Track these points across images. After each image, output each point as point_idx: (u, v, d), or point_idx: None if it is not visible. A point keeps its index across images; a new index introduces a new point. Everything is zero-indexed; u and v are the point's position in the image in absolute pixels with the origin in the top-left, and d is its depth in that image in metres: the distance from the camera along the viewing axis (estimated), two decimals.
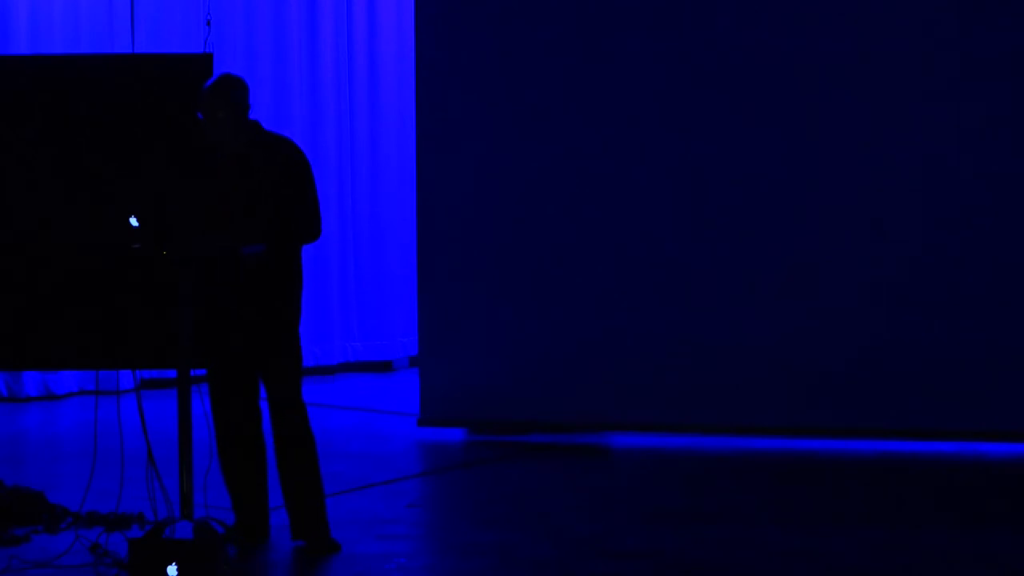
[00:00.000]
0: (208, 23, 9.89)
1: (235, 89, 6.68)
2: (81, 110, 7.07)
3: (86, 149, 7.04)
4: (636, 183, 9.36)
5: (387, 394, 11.54)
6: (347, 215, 12.44)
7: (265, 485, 6.99)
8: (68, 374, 11.23)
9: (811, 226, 9.21)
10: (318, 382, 11.94)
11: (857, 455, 9.03)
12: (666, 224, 9.34)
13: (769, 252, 9.25)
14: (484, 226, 9.51)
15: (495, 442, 9.44)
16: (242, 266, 6.62)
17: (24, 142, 7.08)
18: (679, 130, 9.31)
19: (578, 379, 9.42)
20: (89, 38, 11.35)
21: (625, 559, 6.76)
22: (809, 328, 9.20)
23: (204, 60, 7.09)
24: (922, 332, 9.10)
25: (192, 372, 6.54)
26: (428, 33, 9.53)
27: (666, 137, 9.32)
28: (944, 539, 7.10)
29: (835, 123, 9.17)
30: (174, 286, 6.48)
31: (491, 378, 9.51)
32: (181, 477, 6.52)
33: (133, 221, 6.44)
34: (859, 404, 9.15)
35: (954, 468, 8.74)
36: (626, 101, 9.35)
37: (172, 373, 7.11)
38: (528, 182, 9.47)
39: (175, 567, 6.22)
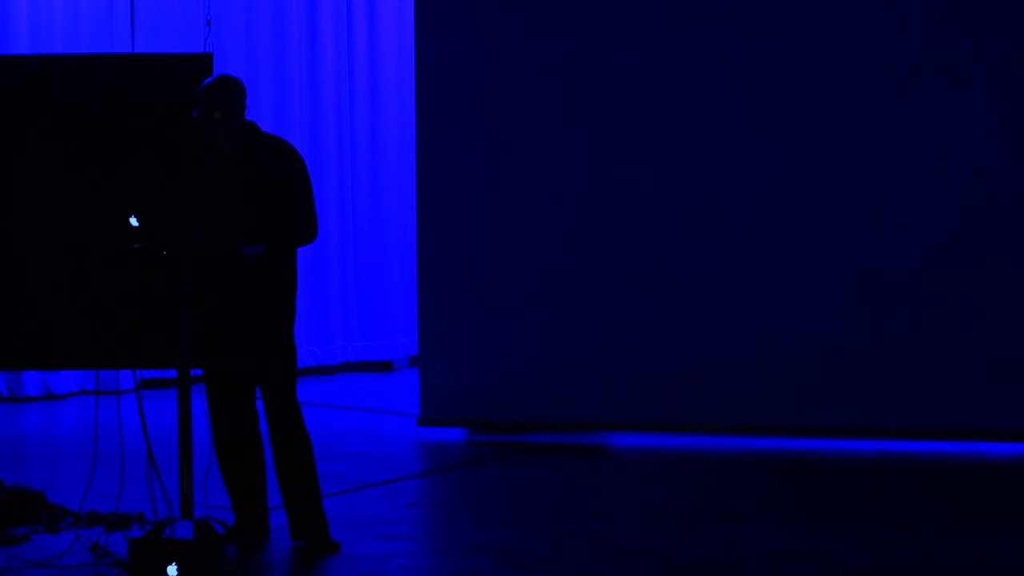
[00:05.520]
0: (208, 23, 9.88)
1: (231, 90, 6.67)
2: (81, 110, 7.07)
3: (86, 149, 7.03)
4: (636, 182, 9.35)
5: (387, 394, 11.54)
6: (347, 215, 12.44)
7: (264, 485, 6.99)
8: (68, 374, 11.22)
9: (811, 226, 9.21)
10: (318, 382, 11.94)
11: (857, 455, 9.03)
12: (666, 224, 9.33)
13: (769, 252, 9.24)
14: (484, 226, 9.51)
15: (495, 442, 9.44)
16: (243, 266, 6.62)
17: (24, 142, 7.07)
18: (679, 130, 9.31)
19: (578, 379, 9.42)
20: (89, 38, 11.35)
21: (625, 559, 6.76)
22: (809, 328, 9.20)
23: (204, 60, 7.08)
24: (922, 332, 9.10)
25: (192, 372, 6.54)
26: (428, 33, 9.53)
27: (666, 137, 9.32)
28: (944, 539, 7.10)
29: (835, 123, 9.17)
30: (174, 286, 6.48)
31: (491, 378, 9.51)
32: (181, 477, 6.51)
33: (133, 221, 6.44)
34: (859, 404, 9.15)
35: (954, 468, 8.74)
36: (627, 101, 9.34)
37: (172, 373, 7.10)
38: (528, 182, 9.46)
39: (175, 567, 6.23)
